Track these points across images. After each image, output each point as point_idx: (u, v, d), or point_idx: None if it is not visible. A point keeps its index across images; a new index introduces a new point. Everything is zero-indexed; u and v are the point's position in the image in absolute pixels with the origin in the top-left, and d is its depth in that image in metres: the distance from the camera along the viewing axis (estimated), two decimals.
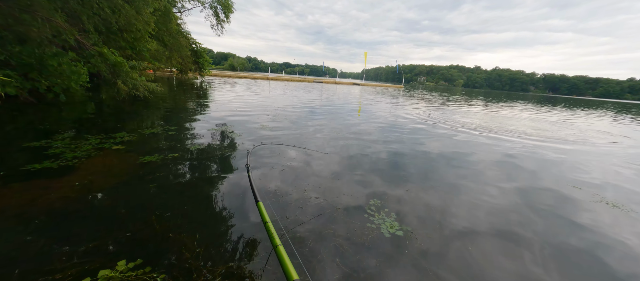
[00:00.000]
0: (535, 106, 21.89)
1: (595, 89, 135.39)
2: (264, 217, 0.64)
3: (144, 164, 3.17)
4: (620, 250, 2.21)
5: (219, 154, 3.81)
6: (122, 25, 7.71)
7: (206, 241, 1.91)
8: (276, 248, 0.46)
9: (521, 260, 1.98)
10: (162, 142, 4.14)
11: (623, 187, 3.72)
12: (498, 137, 6.61)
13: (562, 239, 2.30)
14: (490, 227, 2.39)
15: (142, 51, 9.69)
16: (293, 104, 10.56)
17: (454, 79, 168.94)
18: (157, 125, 5.18)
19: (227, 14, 18.54)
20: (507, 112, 14.07)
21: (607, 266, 1.99)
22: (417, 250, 1.98)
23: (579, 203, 3.05)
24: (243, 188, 2.77)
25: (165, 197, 2.48)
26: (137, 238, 1.88)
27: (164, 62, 16.28)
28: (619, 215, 2.84)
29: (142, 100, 8.18)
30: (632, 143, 7.36)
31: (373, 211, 2.49)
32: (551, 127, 9.39)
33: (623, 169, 4.61)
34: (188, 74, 20.45)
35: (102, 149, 3.55)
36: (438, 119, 9.06)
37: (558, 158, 4.97)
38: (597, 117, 15.29)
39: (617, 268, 1.97)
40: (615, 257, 2.11)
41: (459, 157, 4.54)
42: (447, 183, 3.37)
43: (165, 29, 13.24)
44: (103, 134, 4.17)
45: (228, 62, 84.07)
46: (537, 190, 3.35)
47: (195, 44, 20.25)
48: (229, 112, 7.43)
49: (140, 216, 2.15)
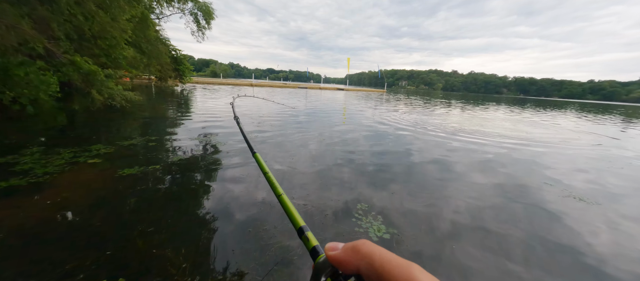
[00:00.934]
0: (512, 107, 23.17)
1: (561, 90, 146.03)
2: (263, 167, 0.63)
3: (123, 178, 3.03)
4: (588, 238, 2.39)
5: (203, 164, 3.72)
6: (96, 32, 7.38)
7: (193, 255, 1.86)
8: (280, 197, 0.46)
9: (504, 254, 2.09)
10: (142, 153, 3.99)
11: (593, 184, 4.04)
12: (481, 139, 6.94)
13: (540, 228, 2.46)
14: (473, 226, 2.51)
15: (118, 59, 9.29)
16: (278, 110, 10.52)
17: (433, 83, 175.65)
18: (136, 136, 4.98)
19: (208, 21, 18.27)
20: (487, 114, 14.81)
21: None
22: (405, 252, 2.04)
23: (550, 197, 3.27)
24: (228, 199, 2.73)
25: (147, 211, 2.39)
26: (119, 257, 1.80)
27: (142, 69, 15.66)
28: (584, 207, 3.07)
29: (119, 110, 7.83)
30: (595, 140, 8.00)
31: (360, 215, 2.53)
32: (531, 129, 9.99)
33: (592, 167, 5.00)
34: (168, 81, 19.80)
35: (76, 163, 3.37)
36: (421, 123, 9.37)
37: (533, 156, 5.30)
38: (568, 118, 16.47)
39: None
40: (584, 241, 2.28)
41: (441, 159, 4.72)
42: (431, 184, 3.49)
43: (143, 35, 12.81)
44: (77, 147, 3.95)
45: (210, 68, 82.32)
46: (515, 187, 3.56)
47: (175, 50, 19.72)
48: (212, 120, 7.28)
49: (121, 233, 2.06)
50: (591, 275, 1.96)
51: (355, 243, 0.25)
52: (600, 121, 15.07)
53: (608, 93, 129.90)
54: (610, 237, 2.47)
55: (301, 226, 0.36)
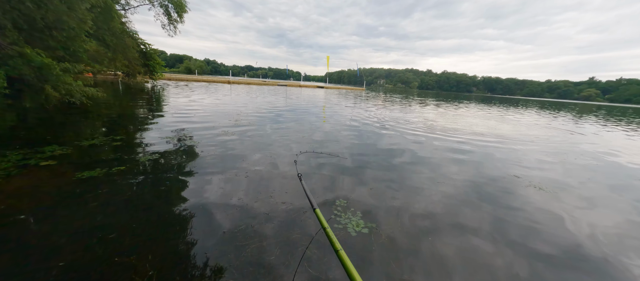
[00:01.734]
0: (480, 106, 24.60)
1: (523, 89, 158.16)
2: (322, 223, 0.61)
3: (82, 181, 2.77)
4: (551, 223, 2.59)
5: (175, 165, 3.51)
6: (50, 22, 6.67)
7: (161, 261, 1.73)
8: (338, 252, 0.45)
9: (475, 243, 2.19)
10: (105, 154, 3.67)
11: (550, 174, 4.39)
12: (454, 136, 7.27)
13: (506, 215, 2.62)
14: (447, 217, 2.61)
15: (77, 52, 8.48)
16: (256, 108, 10.26)
17: (409, 82, 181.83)
18: (99, 135, 4.59)
19: (180, 14, 17.30)
20: (459, 111, 15.59)
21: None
22: (382, 246, 2.06)
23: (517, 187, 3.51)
24: (202, 200, 2.59)
25: (109, 216, 2.20)
26: (74, 267, 1.63)
27: (107, 64, 14.48)
28: (545, 196, 3.33)
29: (80, 107, 7.17)
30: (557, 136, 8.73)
31: (340, 212, 2.53)
32: (496, 124, 10.66)
33: (548, 158, 5.44)
34: (137, 77, 18.50)
35: (26, 166, 3.01)
36: (398, 119, 9.63)
37: (500, 151, 5.66)
38: (533, 115, 17.82)
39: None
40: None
41: (418, 154, 4.88)
42: (407, 178, 3.59)
43: (107, 27, 11.84)
44: (27, 149, 3.54)
45: (184, 64, 78.13)
46: (484, 180, 3.76)
47: (144, 45, 18.44)
48: (185, 118, 6.92)
49: (78, 240, 1.87)
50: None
51: None
52: (558, 117, 16.51)
53: (562, 92, 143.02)
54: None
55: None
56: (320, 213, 0.62)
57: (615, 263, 2.10)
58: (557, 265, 2.03)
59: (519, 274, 1.88)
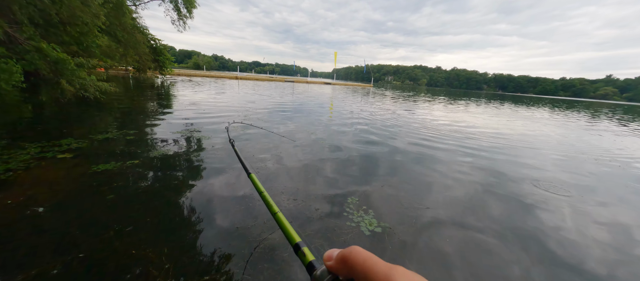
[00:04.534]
0: (495, 104, 24.03)
1: (536, 87, 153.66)
2: (258, 187, 0.60)
3: (98, 174, 2.82)
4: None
5: (186, 160, 3.54)
6: (64, 17, 6.80)
7: (176, 254, 1.74)
8: (275, 215, 0.45)
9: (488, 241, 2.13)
10: (119, 148, 3.74)
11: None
12: (465, 134, 7.13)
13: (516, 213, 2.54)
14: (459, 215, 2.54)
15: (90, 47, 8.66)
16: (265, 104, 10.28)
17: (418, 79, 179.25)
18: (112, 129, 4.67)
19: (189, 9, 17.42)
20: (472, 109, 15.27)
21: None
22: (397, 245, 2.03)
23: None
24: (213, 195, 2.60)
25: (125, 209, 2.23)
26: (93, 259, 1.65)
27: (118, 59, 14.75)
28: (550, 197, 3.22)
29: (93, 102, 7.32)
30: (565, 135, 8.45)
31: (351, 210, 2.50)
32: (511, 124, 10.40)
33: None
34: (147, 73, 18.79)
35: (44, 158, 3.09)
36: (408, 118, 9.50)
37: (506, 150, 5.51)
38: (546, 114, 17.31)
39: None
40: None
41: (428, 153, 4.79)
42: (420, 178, 3.52)
43: (118, 23, 12.03)
44: (45, 142, 3.63)
45: (192, 60, 78.97)
46: (497, 181, 3.66)
47: (154, 40, 18.69)
48: (195, 113, 6.98)
49: (95, 233, 1.90)
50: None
51: (344, 252, 0.25)
52: (572, 116, 15.98)
53: (577, 90, 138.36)
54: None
55: (297, 242, 0.37)
56: (255, 177, 0.61)
57: None
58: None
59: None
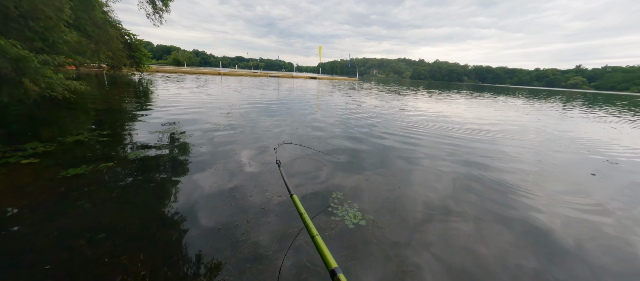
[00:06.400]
0: (475, 95, 24.85)
1: (513, 78, 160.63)
2: (299, 209, 0.59)
3: (67, 179, 2.64)
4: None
5: (166, 160, 3.40)
6: (25, 11, 6.26)
7: (154, 260, 1.67)
8: (314, 237, 0.45)
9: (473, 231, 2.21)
10: (91, 150, 3.52)
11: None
12: (446, 124, 7.32)
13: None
14: (442, 205, 2.61)
15: (57, 43, 8.04)
16: (249, 100, 10.07)
17: (402, 72, 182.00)
18: (84, 131, 4.40)
19: (165, 2, 16.54)
20: (454, 101, 15.69)
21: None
22: (380, 238, 2.05)
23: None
24: (195, 196, 2.52)
25: (97, 215, 2.11)
26: (61, 271, 1.55)
27: (90, 56, 13.86)
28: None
29: (63, 102, 6.86)
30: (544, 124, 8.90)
31: (336, 204, 2.50)
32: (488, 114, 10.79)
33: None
34: (122, 70, 17.81)
35: (6, 164, 2.86)
36: (392, 110, 9.63)
37: (485, 137, 5.73)
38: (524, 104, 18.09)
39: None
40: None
41: (411, 144, 4.88)
42: (403, 169, 3.58)
43: (88, 17, 11.25)
44: (6, 146, 3.36)
45: (172, 56, 75.58)
46: (475, 168, 3.79)
47: (128, 35, 17.68)
48: (176, 112, 6.72)
49: (64, 242, 1.78)
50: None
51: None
52: (544, 105, 16.84)
53: (550, 80, 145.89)
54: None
55: (333, 268, 0.38)
56: (297, 199, 0.61)
57: None
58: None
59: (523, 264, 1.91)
